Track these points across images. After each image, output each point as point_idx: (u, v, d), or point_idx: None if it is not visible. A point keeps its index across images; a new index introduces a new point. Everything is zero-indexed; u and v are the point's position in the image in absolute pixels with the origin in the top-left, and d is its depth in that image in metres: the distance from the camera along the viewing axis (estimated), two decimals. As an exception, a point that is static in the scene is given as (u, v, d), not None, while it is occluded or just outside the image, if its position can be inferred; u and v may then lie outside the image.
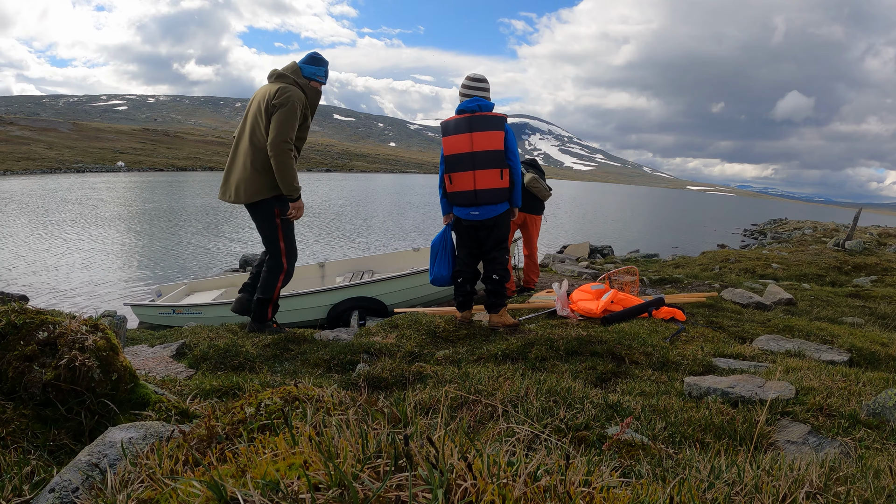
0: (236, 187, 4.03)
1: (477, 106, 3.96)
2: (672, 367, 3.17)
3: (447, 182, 4.04)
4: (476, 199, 3.95)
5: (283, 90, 3.87)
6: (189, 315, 6.42)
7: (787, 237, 21.76)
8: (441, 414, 1.35)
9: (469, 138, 3.90)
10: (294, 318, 6.22)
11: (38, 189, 29.70)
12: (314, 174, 75.64)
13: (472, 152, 3.90)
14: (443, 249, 4.24)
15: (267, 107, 3.87)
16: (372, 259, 8.27)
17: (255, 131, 3.95)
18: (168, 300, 6.94)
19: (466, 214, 4.04)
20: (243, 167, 3.99)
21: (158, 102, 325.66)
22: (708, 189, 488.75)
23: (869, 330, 4.73)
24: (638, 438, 1.76)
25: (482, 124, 3.92)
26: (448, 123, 4.04)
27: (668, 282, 7.49)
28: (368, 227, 21.00)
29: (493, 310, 4.27)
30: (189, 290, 7.51)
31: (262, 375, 2.87)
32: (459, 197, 4.01)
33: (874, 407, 2.20)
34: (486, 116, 3.95)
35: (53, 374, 1.40)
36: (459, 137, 3.93)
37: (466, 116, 3.96)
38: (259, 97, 4.01)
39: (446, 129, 4.04)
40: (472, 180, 3.92)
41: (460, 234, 4.22)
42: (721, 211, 66.62)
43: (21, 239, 13.99)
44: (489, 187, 3.92)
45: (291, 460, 0.92)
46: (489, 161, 3.90)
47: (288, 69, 4.05)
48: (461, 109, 4.00)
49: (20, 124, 74.69)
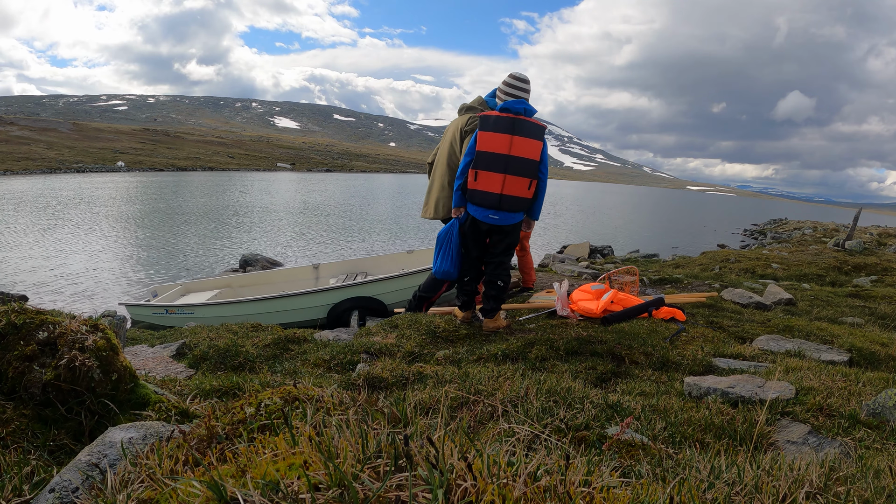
0: (435, 204, 4.74)
1: (524, 109, 3.81)
2: (672, 367, 3.17)
3: (471, 177, 3.83)
4: (500, 204, 3.81)
5: (473, 118, 4.46)
6: (182, 315, 6.51)
7: (787, 237, 21.76)
8: (441, 414, 1.35)
9: (509, 140, 3.74)
10: (295, 317, 6.24)
11: (38, 189, 29.70)
12: (314, 174, 75.63)
13: (508, 155, 3.75)
14: (448, 243, 4.09)
15: (461, 133, 4.54)
16: (366, 261, 8.31)
17: (452, 155, 4.64)
18: (163, 300, 7.01)
19: (485, 216, 3.88)
20: (441, 187, 4.71)
21: (158, 102, 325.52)
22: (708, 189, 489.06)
23: (869, 330, 4.73)
24: (638, 438, 1.76)
25: (525, 130, 3.77)
26: (489, 118, 3.83)
27: (668, 282, 7.49)
28: (368, 226, 21.00)
29: (489, 314, 4.18)
30: (184, 290, 7.59)
31: (262, 375, 2.86)
32: (481, 197, 3.84)
33: (874, 407, 2.20)
34: (530, 123, 3.81)
35: (53, 374, 1.40)
36: (499, 136, 3.76)
37: (510, 117, 3.78)
38: (453, 128, 4.70)
39: (485, 124, 3.82)
40: (501, 184, 3.77)
41: (471, 235, 4.03)
42: (721, 211, 66.63)
43: (21, 239, 13.99)
44: (515, 195, 3.81)
45: (291, 460, 0.92)
46: (523, 169, 3.78)
47: (476, 102, 4.72)
48: (506, 108, 3.81)
49: (20, 124, 74.69)
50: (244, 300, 6.57)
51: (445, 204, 4.63)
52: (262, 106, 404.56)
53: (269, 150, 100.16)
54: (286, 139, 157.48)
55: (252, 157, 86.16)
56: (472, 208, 3.91)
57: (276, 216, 22.48)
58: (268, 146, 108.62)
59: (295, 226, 20.15)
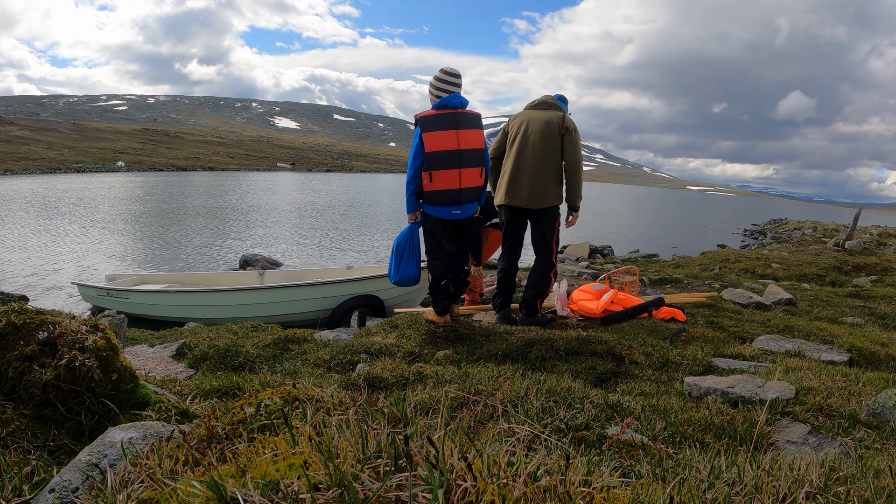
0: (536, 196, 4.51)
1: (460, 103, 3.89)
2: (672, 367, 3.17)
3: (426, 180, 3.83)
4: (461, 198, 3.92)
5: (567, 122, 4.41)
6: (118, 299, 7.13)
7: (787, 237, 21.76)
8: (441, 414, 1.35)
9: (456, 135, 3.81)
10: (213, 313, 6.55)
11: (39, 189, 29.70)
12: (314, 174, 75.62)
13: (459, 150, 3.83)
14: (410, 249, 4.10)
15: (560, 131, 4.40)
16: (308, 272, 8.58)
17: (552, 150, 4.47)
18: (115, 286, 7.47)
19: (448, 214, 3.94)
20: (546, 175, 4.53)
21: (158, 102, 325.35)
22: (708, 189, 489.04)
23: (869, 330, 4.73)
24: (638, 438, 1.76)
25: (467, 122, 3.87)
26: (428, 119, 3.83)
27: (668, 282, 7.49)
28: (367, 227, 21.01)
29: (454, 302, 4.32)
30: (139, 281, 8.13)
31: (262, 375, 2.86)
32: (441, 196, 3.88)
33: (874, 407, 2.20)
34: (470, 114, 3.92)
35: (53, 374, 1.40)
36: (445, 134, 3.80)
37: (451, 112, 3.84)
38: (539, 123, 4.43)
39: (427, 125, 3.82)
40: (458, 178, 3.86)
41: (438, 234, 4.03)
42: (721, 211, 66.61)
43: (21, 239, 13.99)
44: (472, 186, 3.94)
45: (291, 460, 0.92)
46: (474, 159, 3.90)
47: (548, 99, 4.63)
48: (444, 104, 3.85)
49: (20, 124, 74.67)
50: (170, 291, 7.11)
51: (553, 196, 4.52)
52: (263, 106, 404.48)
53: (269, 150, 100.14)
54: (286, 139, 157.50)
55: (252, 157, 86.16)
56: (433, 209, 3.95)
57: (275, 216, 22.50)
58: (268, 146, 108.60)
59: (296, 226, 20.15)
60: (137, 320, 6.81)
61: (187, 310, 6.81)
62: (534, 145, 4.36)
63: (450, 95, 3.89)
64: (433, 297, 4.18)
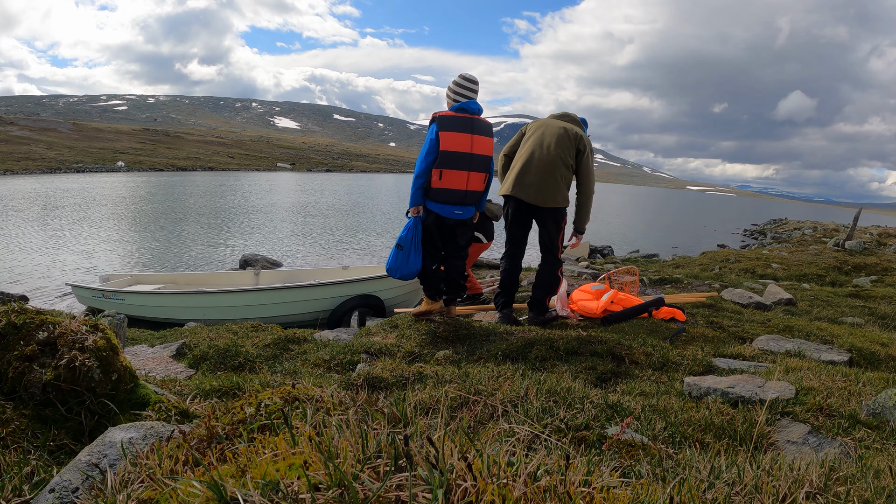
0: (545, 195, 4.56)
1: (478, 109, 4.04)
2: (672, 367, 3.17)
3: (436, 177, 3.93)
4: (465, 200, 4.05)
5: (584, 139, 4.49)
6: (114, 301, 7.06)
7: (787, 237, 21.76)
8: (441, 414, 1.35)
9: (470, 139, 3.96)
10: (214, 314, 6.54)
11: (39, 189, 29.70)
12: (314, 174, 75.60)
13: (472, 153, 3.97)
14: (415, 243, 4.14)
15: (576, 143, 4.46)
16: (303, 272, 8.60)
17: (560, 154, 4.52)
18: (110, 287, 7.43)
19: (450, 213, 4.06)
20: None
21: (158, 102, 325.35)
22: (708, 189, 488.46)
23: (869, 330, 4.73)
24: (638, 438, 1.76)
25: (482, 129, 4.02)
26: (447, 118, 3.95)
27: (668, 282, 7.49)
28: (368, 227, 21.01)
29: (452, 303, 4.45)
30: (133, 281, 8.09)
31: (262, 375, 2.87)
32: (447, 194, 3.99)
33: (874, 407, 2.20)
34: (485, 122, 4.06)
35: (53, 374, 1.40)
36: (461, 136, 3.94)
37: (468, 117, 3.97)
38: (556, 128, 4.49)
39: (445, 124, 3.93)
40: (466, 181, 4.00)
41: (437, 231, 4.13)
42: (721, 211, 66.60)
43: (21, 239, 13.98)
44: (476, 190, 4.09)
45: (291, 460, 0.92)
46: (482, 165, 4.05)
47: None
48: (463, 108, 3.98)
49: (20, 124, 74.65)
50: (168, 292, 7.07)
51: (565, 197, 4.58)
52: (263, 106, 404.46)
53: (269, 150, 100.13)
54: (286, 139, 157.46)
55: (252, 157, 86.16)
56: (436, 206, 4.04)
57: (276, 216, 22.49)
58: (268, 146, 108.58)
59: (296, 226, 20.15)
60: (136, 321, 6.80)
61: (186, 311, 6.80)
62: (549, 146, 4.43)
63: (469, 101, 4.04)
64: (425, 285, 4.32)
